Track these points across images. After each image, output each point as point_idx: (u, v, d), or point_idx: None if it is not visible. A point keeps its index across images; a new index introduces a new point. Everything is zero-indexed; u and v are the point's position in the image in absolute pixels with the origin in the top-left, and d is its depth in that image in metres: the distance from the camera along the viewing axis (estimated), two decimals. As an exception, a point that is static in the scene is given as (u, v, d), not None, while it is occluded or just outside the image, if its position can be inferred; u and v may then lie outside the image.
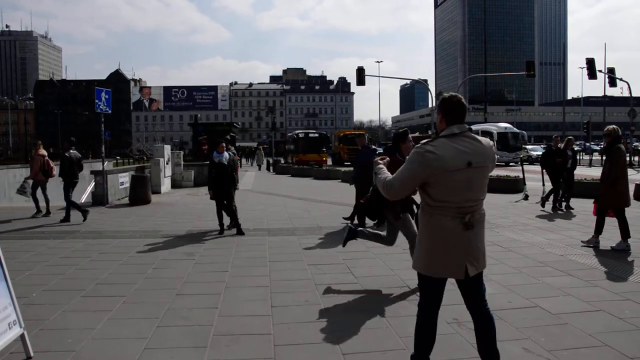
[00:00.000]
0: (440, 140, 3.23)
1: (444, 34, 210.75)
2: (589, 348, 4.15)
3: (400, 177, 3.30)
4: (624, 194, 7.95)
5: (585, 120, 49.36)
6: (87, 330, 4.61)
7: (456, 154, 3.18)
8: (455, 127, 3.26)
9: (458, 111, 3.29)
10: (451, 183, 3.18)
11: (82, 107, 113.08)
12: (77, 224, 10.97)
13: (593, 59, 31.83)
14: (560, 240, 8.71)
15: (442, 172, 3.15)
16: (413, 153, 3.26)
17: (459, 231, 3.23)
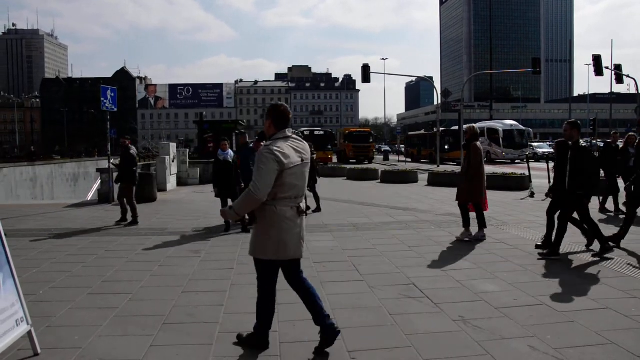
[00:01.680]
0: (279, 142, 3.83)
1: (449, 31, 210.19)
2: (596, 346, 4.14)
3: (262, 179, 3.72)
4: (479, 188, 8.55)
5: (592, 118, 49.09)
6: (93, 327, 4.63)
7: (294, 152, 3.85)
8: (286, 130, 3.93)
9: (285, 118, 3.95)
10: (292, 177, 3.82)
11: (88, 105, 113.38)
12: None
13: (599, 56, 31.65)
14: (566, 238, 8.67)
15: (288, 168, 3.76)
16: (264, 154, 3.74)
17: (297, 218, 3.95)
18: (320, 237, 9.13)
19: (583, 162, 7.04)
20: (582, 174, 7.02)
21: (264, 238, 3.92)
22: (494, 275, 6.40)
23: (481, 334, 4.40)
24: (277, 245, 3.89)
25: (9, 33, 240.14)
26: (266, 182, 3.72)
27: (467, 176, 8.61)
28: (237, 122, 37.46)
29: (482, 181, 8.62)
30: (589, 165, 7.08)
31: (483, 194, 8.69)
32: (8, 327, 3.84)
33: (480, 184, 8.59)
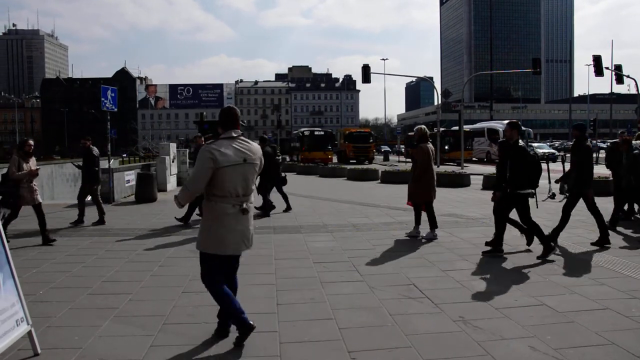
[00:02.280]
0: (221, 141, 4.06)
1: (449, 31, 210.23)
2: (596, 346, 4.14)
3: (195, 175, 4.03)
4: (429, 188, 8.72)
5: (592, 118, 49.09)
6: (93, 327, 4.63)
7: (235, 152, 4.02)
8: (232, 131, 4.10)
9: (231, 119, 4.14)
10: (230, 176, 3.99)
11: (88, 105, 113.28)
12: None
13: (600, 56, 31.63)
14: (566, 239, 8.67)
15: (223, 167, 3.94)
16: (201, 152, 4.02)
17: (239, 216, 4.08)
18: (320, 237, 9.13)
19: (521, 161, 7.19)
20: (521, 173, 7.17)
21: (206, 232, 4.16)
22: (494, 275, 6.40)
23: (481, 334, 4.40)
24: (217, 240, 4.11)
25: (9, 33, 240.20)
26: (197, 178, 4.01)
27: (413, 177, 8.85)
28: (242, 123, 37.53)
29: (430, 181, 8.77)
30: (526, 165, 7.23)
31: (433, 194, 8.86)
32: (8, 327, 3.84)
33: (429, 184, 8.76)
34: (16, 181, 8.50)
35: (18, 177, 8.49)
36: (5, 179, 9.18)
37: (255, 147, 4.23)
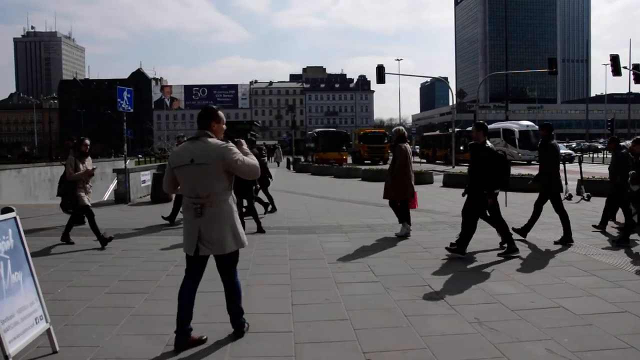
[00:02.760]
0: (185, 142, 4.18)
1: (464, 31, 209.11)
2: (614, 350, 4.09)
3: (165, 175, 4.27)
4: (405, 187, 9.00)
5: (609, 118, 48.47)
6: (110, 326, 4.68)
7: (186, 153, 4.06)
8: (198, 131, 4.14)
9: (201, 119, 4.18)
10: (182, 177, 4.09)
11: (104, 106, 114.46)
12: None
13: (617, 56, 31.21)
14: (584, 240, 8.58)
15: (176, 167, 4.08)
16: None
17: (192, 217, 4.08)
18: (335, 238, 9.14)
19: (488, 162, 7.33)
20: (488, 174, 7.28)
21: None
22: (510, 277, 6.35)
23: (497, 336, 4.37)
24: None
25: (28, 36, 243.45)
26: (165, 180, 4.26)
27: (392, 175, 9.14)
28: (252, 122, 37.56)
29: (407, 180, 9.04)
30: (494, 166, 7.31)
31: (411, 193, 9.09)
32: (28, 325, 3.89)
33: (406, 183, 9.02)
34: (73, 182, 8.54)
35: (75, 177, 8.50)
36: (63, 180, 9.28)
37: (210, 147, 4.01)
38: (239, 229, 4.21)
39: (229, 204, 4.15)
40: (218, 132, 4.21)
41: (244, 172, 4.10)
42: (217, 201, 4.06)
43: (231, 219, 4.15)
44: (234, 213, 4.20)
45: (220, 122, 4.23)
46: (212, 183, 4.04)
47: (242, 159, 4.06)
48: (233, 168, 4.04)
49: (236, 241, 4.20)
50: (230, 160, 4.00)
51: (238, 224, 4.23)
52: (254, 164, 4.14)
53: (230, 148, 4.03)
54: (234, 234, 4.16)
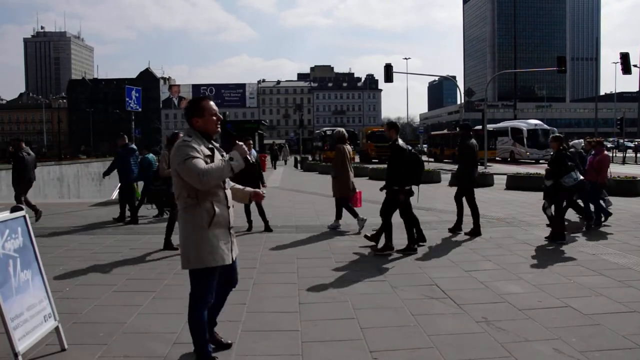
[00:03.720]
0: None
1: (472, 29, 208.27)
2: (622, 350, 4.06)
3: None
4: (345, 185, 9.62)
5: (619, 117, 48.11)
6: (118, 324, 4.71)
7: None
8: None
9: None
10: None
11: (113, 105, 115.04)
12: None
13: (627, 54, 30.96)
14: (592, 239, 8.54)
15: None
16: None
17: None
18: (343, 236, 9.14)
19: (397, 159, 7.66)
20: (398, 170, 7.60)
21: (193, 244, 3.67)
22: (518, 276, 6.33)
23: (505, 335, 4.36)
24: None
25: (38, 35, 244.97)
26: None
27: (333, 174, 9.81)
28: (260, 121, 37.65)
29: (347, 179, 9.66)
30: (402, 162, 7.61)
31: (351, 190, 9.74)
32: (37, 323, 3.92)
33: (345, 182, 9.65)
34: (167, 178, 8.53)
35: (168, 174, 8.51)
36: (156, 177, 9.35)
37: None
38: (193, 247, 3.50)
39: (192, 214, 3.50)
40: (205, 128, 3.61)
41: (183, 176, 3.41)
42: (180, 207, 3.57)
43: (184, 233, 3.55)
44: (194, 227, 3.50)
45: (205, 115, 3.59)
46: (174, 185, 3.58)
47: (185, 161, 3.34)
48: (178, 171, 3.44)
49: (186, 259, 3.56)
50: (173, 160, 3.45)
51: (194, 241, 3.49)
52: (191, 170, 3.32)
53: (178, 146, 3.45)
54: (184, 249, 3.58)
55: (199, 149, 3.44)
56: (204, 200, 3.48)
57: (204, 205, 3.48)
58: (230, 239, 3.66)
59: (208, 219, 3.48)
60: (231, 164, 3.43)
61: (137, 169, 11.32)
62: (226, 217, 3.60)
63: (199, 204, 3.48)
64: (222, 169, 3.41)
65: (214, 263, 3.52)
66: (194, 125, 3.59)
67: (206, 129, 3.61)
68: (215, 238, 3.51)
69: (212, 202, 3.51)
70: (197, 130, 3.59)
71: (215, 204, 3.51)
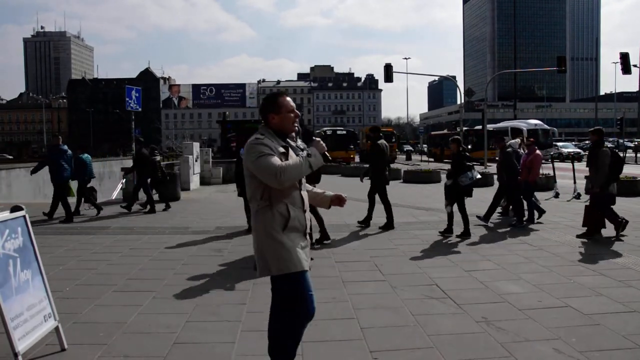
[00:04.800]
0: None
1: (472, 29, 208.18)
2: (622, 350, 4.06)
3: None
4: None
5: (619, 117, 48.13)
6: (118, 324, 4.71)
7: None
8: None
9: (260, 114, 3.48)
10: None
11: (113, 105, 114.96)
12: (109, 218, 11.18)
13: (627, 54, 30.96)
14: (591, 239, 8.53)
15: None
16: None
17: None
18: (343, 236, 9.14)
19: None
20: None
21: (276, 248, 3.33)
22: (518, 276, 6.33)
23: (505, 335, 4.36)
24: None
25: (38, 35, 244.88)
26: None
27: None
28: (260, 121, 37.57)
29: None
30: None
31: None
32: (36, 323, 3.93)
33: None
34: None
35: None
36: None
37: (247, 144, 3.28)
38: (269, 253, 3.23)
39: (264, 218, 3.22)
40: (281, 126, 3.33)
41: (257, 175, 3.17)
42: (253, 210, 3.32)
43: (259, 238, 3.26)
44: (267, 231, 3.21)
45: (282, 112, 3.32)
46: (247, 187, 3.32)
47: (259, 159, 3.11)
48: (252, 171, 3.21)
49: (265, 265, 3.28)
50: (246, 160, 3.21)
51: (270, 245, 3.22)
52: (266, 168, 3.08)
53: (250, 145, 3.21)
54: (261, 255, 3.29)
55: (273, 147, 3.18)
56: (278, 203, 3.20)
57: (277, 207, 3.20)
58: (307, 245, 3.39)
59: (282, 223, 3.19)
60: (309, 160, 3.18)
61: (69, 169, 11.56)
62: (302, 221, 3.31)
63: (272, 207, 3.20)
64: (299, 165, 3.15)
65: (293, 268, 3.22)
66: (270, 122, 3.32)
67: (282, 127, 3.33)
68: (291, 242, 3.22)
69: (287, 204, 3.22)
70: (271, 127, 3.31)
71: (289, 207, 3.22)
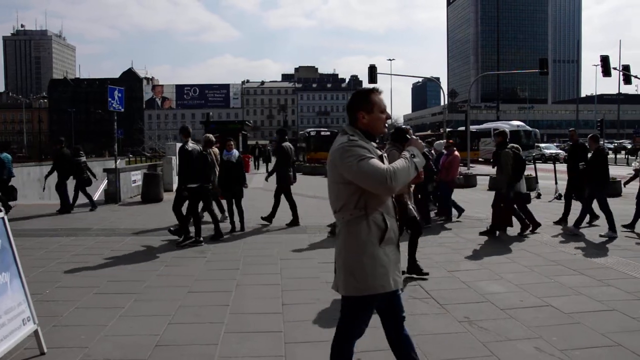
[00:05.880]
0: None
1: (456, 31, 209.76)
2: (602, 348, 4.12)
3: None
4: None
5: (599, 119, 48.82)
6: (99, 327, 4.65)
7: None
8: None
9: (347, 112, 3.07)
10: None
11: (95, 105, 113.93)
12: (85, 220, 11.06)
13: (607, 56, 31.40)
14: (572, 239, 8.64)
15: None
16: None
17: None
18: (326, 237, 9.13)
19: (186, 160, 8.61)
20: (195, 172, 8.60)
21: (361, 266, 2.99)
22: (500, 276, 6.38)
23: (487, 335, 4.39)
24: None
25: (18, 34, 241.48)
26: None
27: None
28: (244, 122, 37.49)
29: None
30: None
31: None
32: (15, 326, 3.86)
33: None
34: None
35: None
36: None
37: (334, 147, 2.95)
38: (362, 269, 2.86)
39: (357, 229, 2.86)
40: (371, 127, 2.95)
41: (360, 181, 2.76)
42: (340, 221, 2.96)
43: (350, 252, 2.92)
44: (361, 244, 2.86)
45: (374, 111, 2.94)
46: (334, 195, 2.99)
47: (360, 162, 2.72)
48: (350, 177, 2.79)
49: (346, 283, 2.95)
50: (342, 164, 2.80)
51: (361, 261, 2.87)
52: (372, 172, 2.69)
53: (345, 147, 2.82)
54: (349, 271, 2.92)
55: (371, 149, 2.82)
56: (374, 212, 2.84)
57: (373, 217, 2.84)
58: (399, 258, 3.05)
59: (379, 234, 2.84)
60: (415, 161, 2.82)
61: None
62: (396, 232, 2.96)
63: (368, 216, 2.84)
64: (407, 168, 2.77)
65: (388, 288, 2.88)
66: (359, 121, 2.94)
67: (372, 128, 2.95)
68: (387, 257, 2.88)
69: (382, 213, 2.87)
70: (359, 127, 2.94)
71: (385, 216, 2.88)
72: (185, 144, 8.63)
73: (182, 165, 8.62)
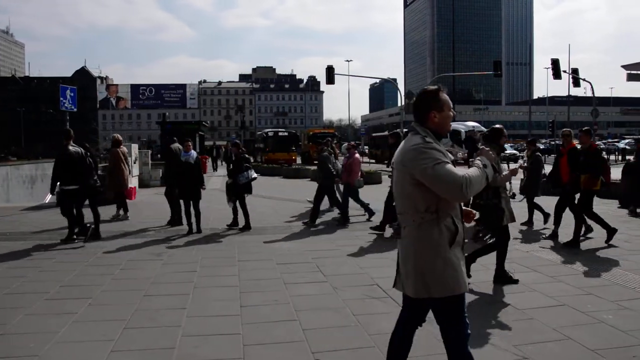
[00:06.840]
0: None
1: (413, 33, 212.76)
2: (554, 342, 4.25)
3: None
4: (119, 182, 11.71)
5: (551, 120, 50.42)
6: (50, 333, 4.50)
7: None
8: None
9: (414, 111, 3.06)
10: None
11: (46, 104, 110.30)
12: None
13: (558, 60, 32.48)
14: (526, 237, 8.88)
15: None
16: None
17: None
18: (284, 238, 9.12)
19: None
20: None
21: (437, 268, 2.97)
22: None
23: (443, 332, 4.45)
24: None
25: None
26: None
27: (108, 173, 11.96)
28: (201, 122, 37.04)
29: (122, 177, 11.77)
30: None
31: (124, 186, 11.96)
32: (-41, 335, 3.70)
33: (120, 179, 11.70)
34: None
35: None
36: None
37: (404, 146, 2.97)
38: (435, 272, 2.86)
39: (429, 233, 2.86)
40: (441, 126, 2.95)
41: (433, 185, 2.76)
42: (409, 223, 2.93)
43: (422, 255, 2.88)
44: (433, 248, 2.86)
45: (445, 110, 2.94)
46: (403, 196, 2.95)
47: (436, 166, 2.73)
48: (423, 180, 2.79)
49: (424, 285, 2.90)
50: (416, 165, 2.79)
51: (435, 264, 2.86)
52: (448, 178, 2.71)
53: (420, 149, 2.80)
54: (420, 273, 2.90)
55: (445, 152, 2.84)
56: (445, 215, 2.87)
57: (444, 220, 2.87)
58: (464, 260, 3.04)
59: (449, 237, 2.87)
60: (486, 172, 2.89)
61: None
62: (462, 235, 2.98)
63: (440, 220, 2.86)
64: (480, 177, 2.84)
65: (459, 290, 2.92)
66: (430, 120, 2.91)
67: (442, 127, 2.95)
68: (457, 259, 2.90)
69: (452, 217, 2.90)
70: (430, 127, 2.91)
71: (455, 220, 2.91)
72: (67, 147, 8.64)
73: (61, 167, 8.66)
